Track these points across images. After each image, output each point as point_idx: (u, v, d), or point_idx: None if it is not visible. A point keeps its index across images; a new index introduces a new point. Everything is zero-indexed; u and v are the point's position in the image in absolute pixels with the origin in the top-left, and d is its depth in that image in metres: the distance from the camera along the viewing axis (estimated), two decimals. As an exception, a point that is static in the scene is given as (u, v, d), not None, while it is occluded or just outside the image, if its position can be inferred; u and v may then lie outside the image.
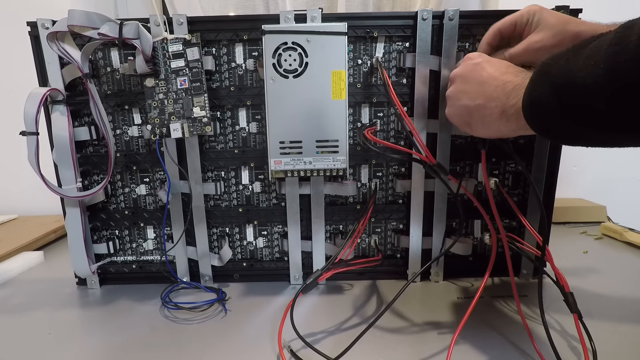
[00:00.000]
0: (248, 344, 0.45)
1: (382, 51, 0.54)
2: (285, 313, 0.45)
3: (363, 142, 0.51)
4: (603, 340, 0.44)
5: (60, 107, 0.52)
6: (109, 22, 0.48)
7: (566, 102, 0.31)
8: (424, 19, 0.51)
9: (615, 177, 0.99)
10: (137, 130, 0.57)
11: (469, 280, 0.59)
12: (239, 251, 0.61)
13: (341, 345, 0.41)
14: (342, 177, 0.56)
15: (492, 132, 0.42)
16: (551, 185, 0.57)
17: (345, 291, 0.57)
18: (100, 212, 0.59)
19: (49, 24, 0.51)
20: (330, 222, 0.59)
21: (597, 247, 0.73)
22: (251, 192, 0.59)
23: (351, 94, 0.54)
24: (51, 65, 0.52)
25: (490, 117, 0.41)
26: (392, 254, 0.61)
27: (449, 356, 0.40)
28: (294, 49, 0.48)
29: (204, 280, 0.60)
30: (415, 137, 0.50)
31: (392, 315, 0.50)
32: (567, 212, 0.86)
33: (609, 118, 0.30)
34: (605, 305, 0.52)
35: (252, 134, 0.57)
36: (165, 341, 0.46)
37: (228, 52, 0.54)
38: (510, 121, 0.38)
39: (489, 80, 0.41)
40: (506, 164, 0.58)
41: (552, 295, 0.54)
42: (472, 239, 0.60)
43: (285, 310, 0.46)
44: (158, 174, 0.58)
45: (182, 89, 0.51)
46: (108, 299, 0.57)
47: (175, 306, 0.53)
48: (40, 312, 0.53)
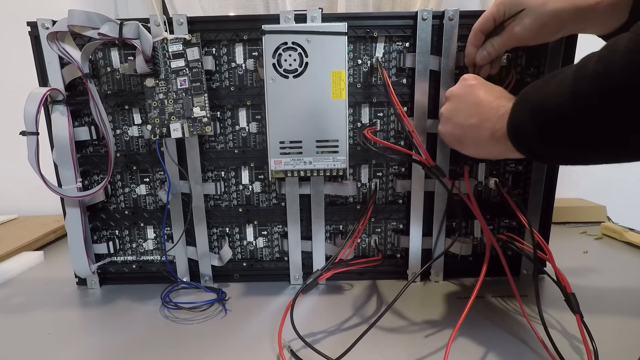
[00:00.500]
0: (248, 344, 0.45)
1: (382, 51, 0.54)
2: (285, 313, 0.45)
3: (363, 142, 0.51)
4: (603, 340, 0.44)
5: (60, 107, 0.52)
6: (109, 22, 0.48)
7: (541, 123, 0.35)
8: (424, 19, 0.51)
9: (615, 177, 0.99)
10: (137, 130, 0.57)
11: (469, 280, 0.59)
12: (239, 251, 0.61)
13: (341, 345, 0.41)
14: (342, 177, 0.56)
15: (483, 153, 0.44)
16: (551, 185, 0.57)
17: (345, 291, 0.57)
18: (100, 212, 0.59)
19: (49, 24, 0.51)
20: (330, 222, 0.59)
21: (597, 247, 0.73)
22: (251, 192, 0.59)
23: (351, 94, 0.54)
24: (51, 65, 0.52)
25: (481, 137, 0.42)
26: (392, 254, 0.61)
27: (446, 356, 0.40)
28: (294, 49, 0.48)
29: (204, 280, 0.60)
30: (414, 138, 0.50)
31: (393, 315, 0.50)
32: (567, 212, 0.86)
33: (577, 136, 0.34)
34: (605, 305, 0.51)
35: (252, 134, 0.57)
36: (166, 341, 0.46)
37: (228, 52, 0.54)
38: (499, 143, 0.40)
39: (484, 102, 0.42)
40: (506, 163, 0.58)
41: (553, 295, 0.54)
42: (472, 239, 0.60)
43: (285, 311, 0.46)
44: (158, 174, 0.58)
45: (182, 89, 0.51)
46: (108, 299, 0.57)
47: (175, 306, 0.53)
48: (40, 312, 0.53)
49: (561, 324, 0.48)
